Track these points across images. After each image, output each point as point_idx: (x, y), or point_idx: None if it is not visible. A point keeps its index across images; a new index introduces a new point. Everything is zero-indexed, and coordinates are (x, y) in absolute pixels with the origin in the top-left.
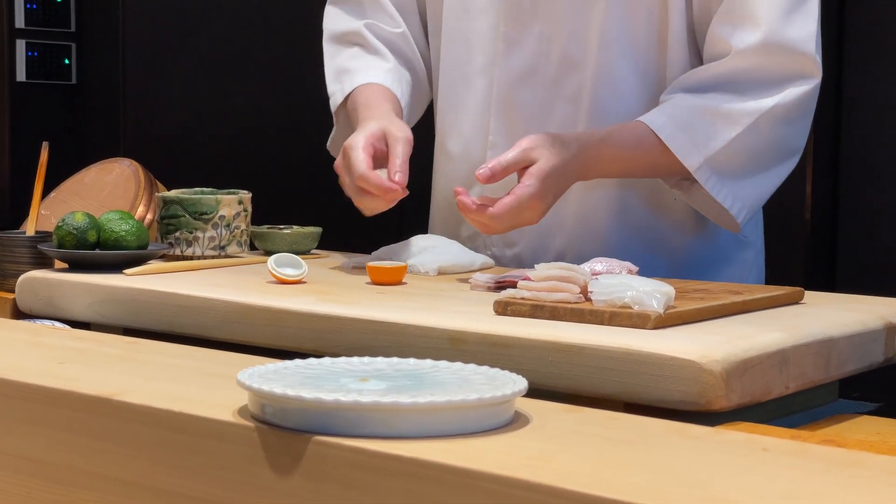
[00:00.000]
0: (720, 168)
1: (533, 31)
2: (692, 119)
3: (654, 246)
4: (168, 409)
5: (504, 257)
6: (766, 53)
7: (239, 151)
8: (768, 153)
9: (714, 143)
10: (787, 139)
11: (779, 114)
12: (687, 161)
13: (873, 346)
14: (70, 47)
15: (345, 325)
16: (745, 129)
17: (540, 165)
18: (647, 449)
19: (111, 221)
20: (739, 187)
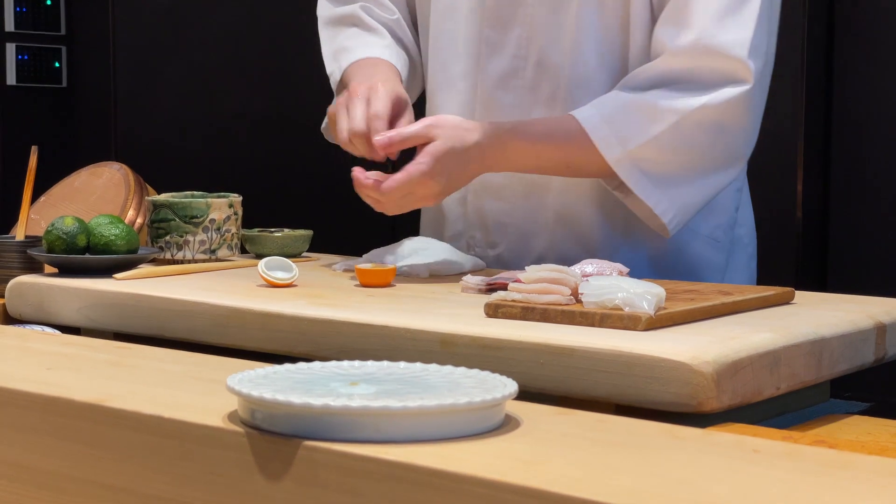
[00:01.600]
0: (646, 167)
1: (513, 34)
2: (618, 113)
3: (637, 245)
4: (158, 415)
5: (487, 258)
6: (697, 55)
7: (229, 155)
8: (701, 157)
9: (637, 138)
10: (722, 145)
11: (707, 115)
12: (607, 154)
13: (864, 345)
14: (60, 50)
15: (335, 328)
16: (670, 126)
17: (436, 144)
18: (638, 451)
19: (101, 226)
20: (667, 190)
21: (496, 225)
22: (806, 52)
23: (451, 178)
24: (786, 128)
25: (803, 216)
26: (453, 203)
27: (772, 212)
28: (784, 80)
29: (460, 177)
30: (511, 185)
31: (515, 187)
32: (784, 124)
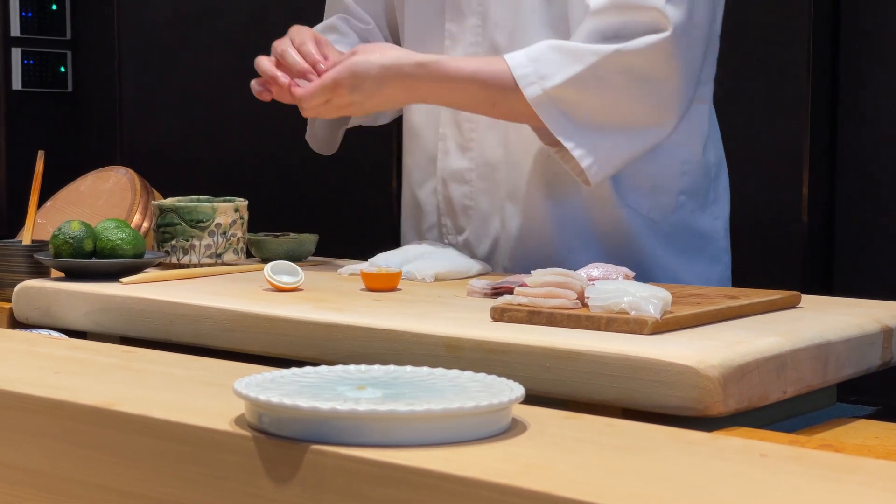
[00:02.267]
0: (566, 108)
1: (469, 23)
2: (543, 54)
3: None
4: (165, 419)
5: (457, 245)
6: (616, 11)
7: (235, 159)
8: (621, 105)
9: (556, 77)
10: (643, 95)
11: (624, 60)
12: (527, 91)
13: (870, 349)
14: (66, 55)
15: (341, 332)
16: (587, 67)
17: (354, 58)
18: (645, 455)
19: (107, 230)
20: (587, 134)
21: (461, 209)
22: (812, 57)
23: (367, 92)
24: (792, 132)
25: (809, 220)
26: (428, 194)
27: (778, 216)
28: (790, 85)
29: (378, 95)
30: (472, 168)
31: (475, 169)
32: (790, 128)
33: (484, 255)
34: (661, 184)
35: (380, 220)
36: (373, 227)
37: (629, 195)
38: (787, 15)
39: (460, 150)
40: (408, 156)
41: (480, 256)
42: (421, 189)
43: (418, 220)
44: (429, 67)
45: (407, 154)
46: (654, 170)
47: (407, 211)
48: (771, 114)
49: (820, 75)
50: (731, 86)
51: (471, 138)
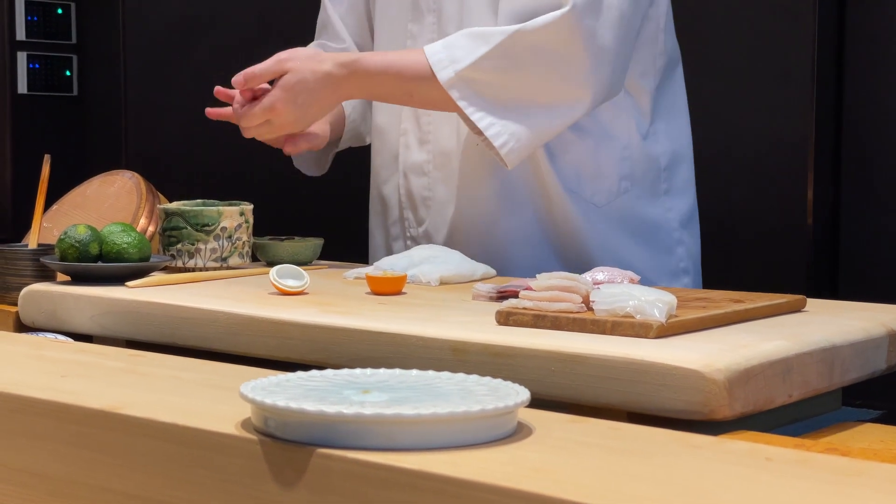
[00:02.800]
0: (479, 89)
1: (426, 22)
2: (456, 40)
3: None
4: (171, 423)
5: (418, 235)
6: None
7: (240, 163)
8: (531, 83)
9: (466, 59)
10: (551, 71)
11: (531, 38)
12: (440, 75)
13: (876, 353)
14: (71, 59)
15: (347, 336)
16: (493, 46)
17: (287, 77)
18: (651, 459)
19: (113, 234)
20: (500, 114)
21: (421, 200)
22: (817, 58)
23: (304, 106)
24: (796, 134)
25: (814, 223)
26: (391, 190)
27: (783, 219)
28: (794, 87)
29: (315, 104)
30: (429, 160)
31: (432, 160)
32: (794, 131)
33: (442, 243)
34: (602, 169)
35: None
36: None
37: (571, 179)
38: (792, 16)
39: (419, 143)
40: (375, 156)
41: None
42: (385, 186)
43: (384, 217)
44: (350, 67)
45: (374, 154)
46: (594, 155)
47: (374, 209)
48: (775, 116)
49: (825, 77)
50: (736, 88)
51: (428, 131)
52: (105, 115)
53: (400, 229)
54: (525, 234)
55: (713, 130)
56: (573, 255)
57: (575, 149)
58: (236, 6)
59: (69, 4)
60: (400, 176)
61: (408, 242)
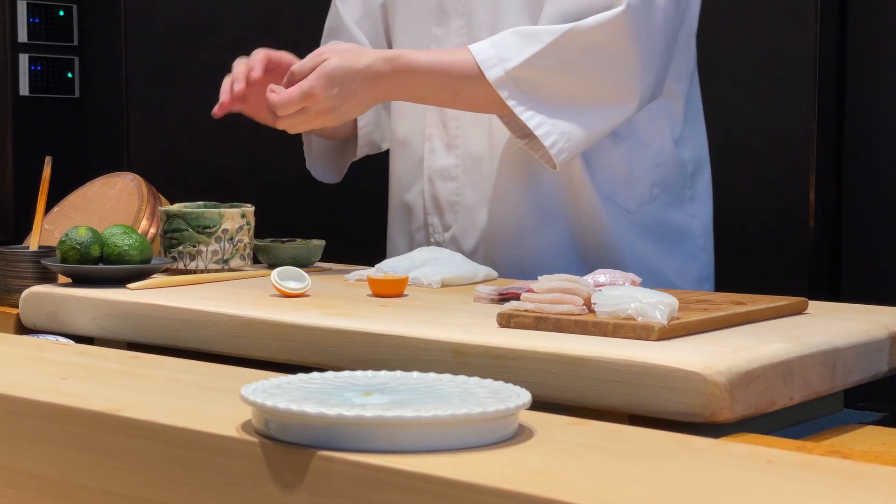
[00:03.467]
0: (527, 89)
1: (454, 26)
2: (504, 38)
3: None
4: (172, 425)
5: (444, 241)
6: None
7: (242, 165)
8: (581, 83)
9: (516, 58)
10: (603, 71)
11: (580, 37)
12: (489, 74)
13: (878, 355)
14: (73, 61)
15: (348, 338)
16: (545, 46)
17: (326, 63)
18: (652, 461)
19: (114, 236)
20: (549, 114)
21: (448, 205)
22: (818, 60)
23: (342, 96)
24: (798, 136)
25: (816, 225)
26: (415, 196)
27: (784, 221)
28: (796, 89)
29: (353, 97)
30: (457, 164)
31: (461, 165)
32: (796, 132)
33: (470, 249)
34: (635, 174)
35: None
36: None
37: (605, 185)
38: (794, 20)
39: (446, 147)
40: (395, 163)
41: (467, 251)
42: (408, 192)
43: (407, 223)
44: (394, 62)
45: (394, 162)
46: (628, 160)
47: (394, 216)
48: (777, 118)
49: (827, 80)
50: (737, 89)
51: (456, 135)
52: (106, 116)
53: (424, 235)
54: (556, 238)
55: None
56: (603, 261)
57: (609, 154)
58: (237, 8)
59: (71, 6)
60: (425, 181)
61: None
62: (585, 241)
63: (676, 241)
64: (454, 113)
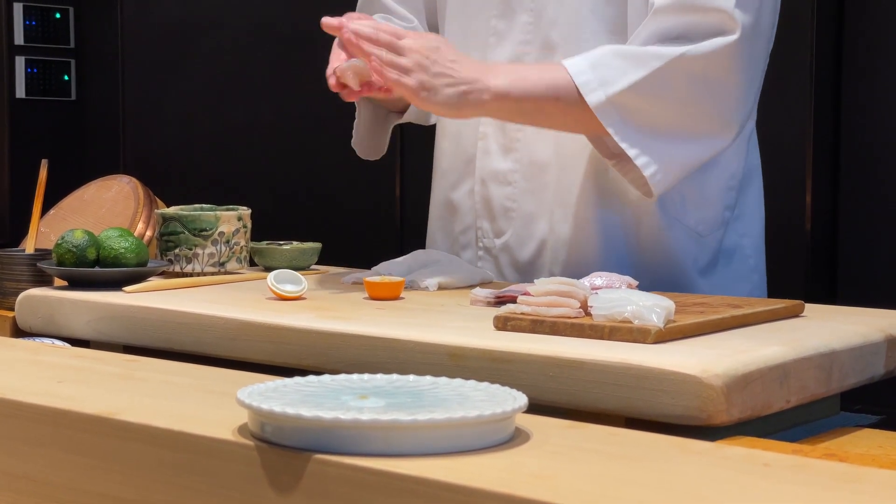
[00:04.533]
0: (628, 115)
1: (519, 21)
2: (604, 59)
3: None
4: (168, 428)
5: (494, 248)
6: (682, 11)
7: (238, 168)
8: (685, 111)
9: (619, 83)
10: (708, 101)
11: (690, 64)
12: (589, 98)
13: (874, 358)
14: (69, 63)
15: (344, 341)
16: (652, 72)
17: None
18: (649, 464)
19: (110, 238)
20: (649, 142)
21: (502, 211)
22: (815, 65)
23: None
24: (795, 139)
25: (812, 228)
26: (463, 195)
27: (781, 224)
28: (793, 92)
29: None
30: (515, 169)
31: (519, 171)
32: (793, 136)
33: (527, 259)
34: (709, 197)
35: (383, 230)
36: (376, 236)
37: (675, 207)
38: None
39: (503, 150)
40: (442, 157)
41: (522, 260)
42: (455, 191)
43: (450, 223)
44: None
45: (441, 155)
46: (703, 182)
47: (436, 213)
48: (774, 122)
49: (823, 83)
50: None
51: (516, 139)
52: (103, 119)
53: (472, 238)
54: (616, 256)
55: None
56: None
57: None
58: (233, 12)
59: (67, 9)
60: (476, 182)
61: (479, 253)
62: (647, 261)
63: (725, 262)
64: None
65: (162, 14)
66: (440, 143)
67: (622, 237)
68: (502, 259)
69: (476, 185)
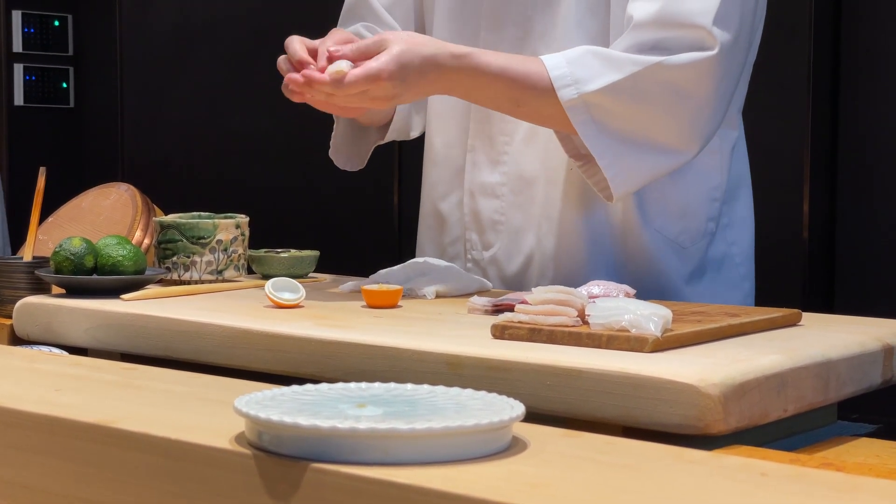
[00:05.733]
0: (598, 115)
1: (507, 33)
2: (581, 58)
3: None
4: (165, 437)
5: (482, 261)
6: (661, 26)
7: (236, 175)
8: (655, 120)
9: (594, 82)
10: (678, 112)
11: (666, 73)
12: (562, 94)
13: (872, 367)
14: (68, 71)
15: (342, 349)
16: (628, 76)
17: (395, 48)
18: (646, 474)
19: (108, 246)
20: (615, 145)
21: (490, 224)
22: (812, 73)
23: (406, 84)
24: (792, 148)
25: (810, 237)
26: (452, 207)
27: (778, 233)
28: (790, 101)
29: (413, 87)
30: (503, 182)
31: (507, 184)
32: (790, 144)
33: (514, 271)
34: (690, 209)
35: (381, 238)
36: (374, 244)
37: (657, 219)
38: (788, 32)
39: (491, 163)
40: (431, 168)
41: (510, 273)
42: (444, 202)
43: (439, 234)
44: (462, 59)
45: (430, 166)
46: (684, 194)
47: (426, 224)
48: (771, 131)
49: (821, 92)
50: None
51: (504, 152)
52: (101, 127)
53: (460, 250)
54: (604, 268)
55: None
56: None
57: (664, 186)
58: (232, 19)
59: (66, 17)
60: (465, 194)
61: (468, 265)
62: (633, 272)
63: (714, 271)
64: (502, 128)
65: (160, 22)
66: (428, 153)
67: (609, 250)
68: (490, 271)
69: (465, 196)
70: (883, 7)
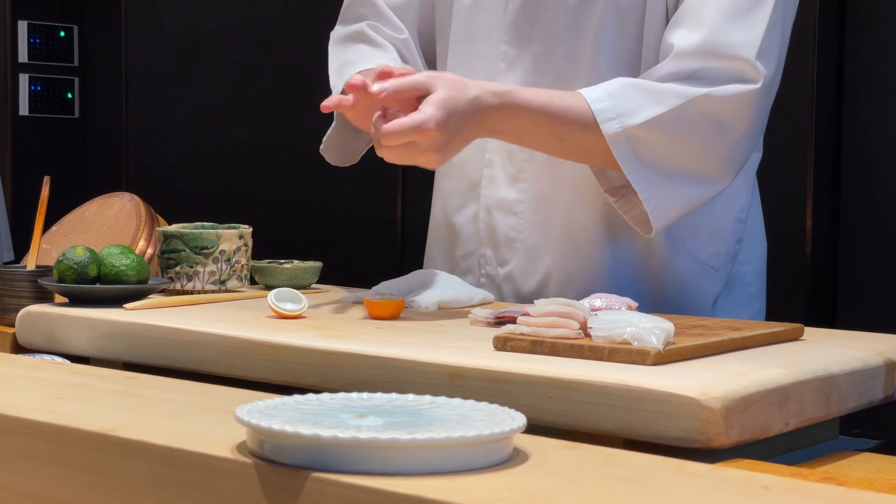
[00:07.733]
0: (640, 149)
1: (531, 49)
2: (622, 90)
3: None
4: (166, 446)
5: (496, 276)
6: (705, 56)
7: (240, 186)
8: (697, 153)
9: (637, 116)
10: (720, 145)
11: (711, 106)
12: (605, 127)
13: (874, 382)
14: (73, 81)
15: (344, 360)
16: (672, 109)
17: (438, 94)
18: (647, 486)
19: (112, 256)
20: (655, 179)
21: (506, 241)
22: (815, 87)
23: (453, 131)
24: (795, 163)
25: (812, 252)
26: (466, 220)
27: (781, 248)
28: (794, 117)
29: (462, 132)
30: (522, 200)
31: (526, 202)
32: (793, 160)
33: (530, 290)
34: (722, 231)
35: (384, 249)
36: (377, 255)
37: (689, 241)
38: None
39: (509, 179)
40: (445, 180)
41: (526, 291)
42: (458, 215)
43: (451, 247)
44: (504, 97)
45: (444, 178)
46: (715, 216)
47: (437, 235)
48: (774, 146)
49: (824, 107)
50: None
51: (523, 168)
52: (106, 137)
53: (473, 264)
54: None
55: None
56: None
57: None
58: (237, 30)
59: (72, 27)
60: (480, 209)
61: (482, 280)
62: (654, 296)
63: (727, 291)
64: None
65: (166, 33)
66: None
67: (630, 273)
68: (505, 288)
69: (481, 212)
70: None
